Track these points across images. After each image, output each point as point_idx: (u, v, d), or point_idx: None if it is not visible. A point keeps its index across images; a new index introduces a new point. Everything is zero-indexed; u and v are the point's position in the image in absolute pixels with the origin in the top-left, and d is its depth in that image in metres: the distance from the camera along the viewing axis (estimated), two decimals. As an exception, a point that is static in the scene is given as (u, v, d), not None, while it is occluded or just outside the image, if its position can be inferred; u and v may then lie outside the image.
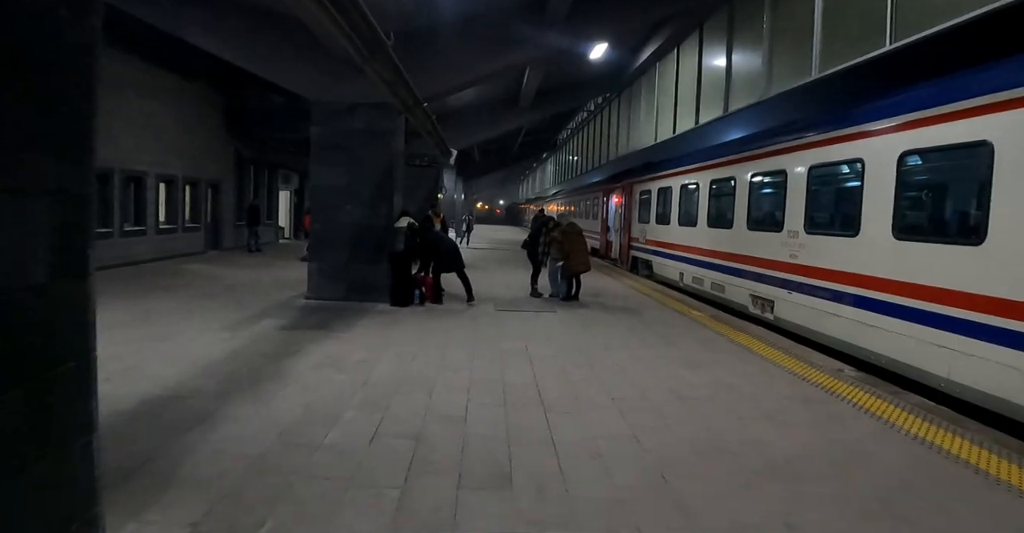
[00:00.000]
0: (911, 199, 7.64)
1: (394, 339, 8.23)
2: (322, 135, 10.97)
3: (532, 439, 4.85)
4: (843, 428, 5.39)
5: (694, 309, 11.94)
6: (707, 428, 5.25)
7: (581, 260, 12.06)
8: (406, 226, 10.90)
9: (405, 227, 10.90)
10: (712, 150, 13.52)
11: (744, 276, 11.74)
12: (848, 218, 8.68)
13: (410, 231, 10.80)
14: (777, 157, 10.63)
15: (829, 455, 4.75)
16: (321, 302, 10.90)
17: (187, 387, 5.88)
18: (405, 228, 10.89)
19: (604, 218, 25.20)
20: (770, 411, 5.74)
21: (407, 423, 5.08)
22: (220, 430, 4.80)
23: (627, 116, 20.29)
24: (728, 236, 12.51)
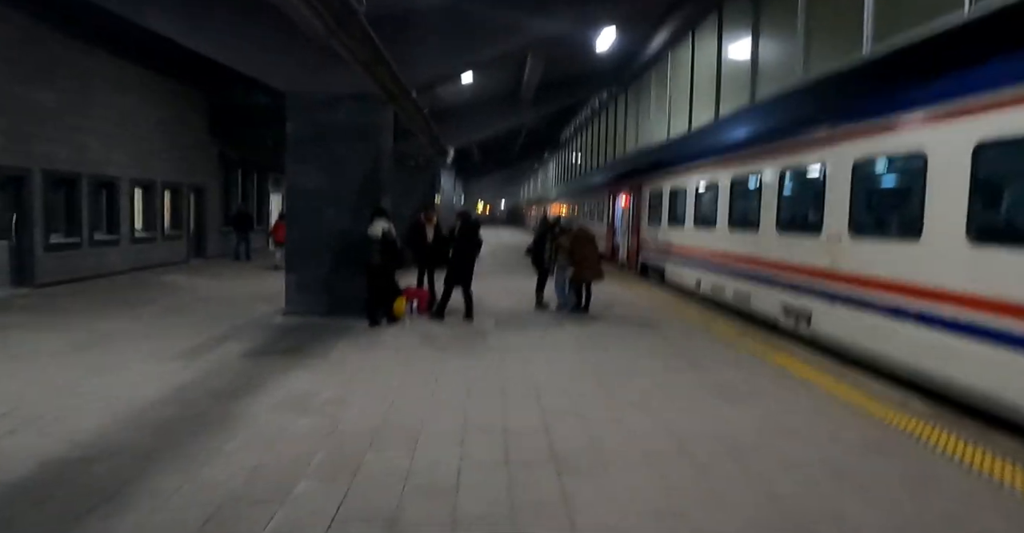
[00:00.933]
0: (991, 195, 6.40)
1: (376, 367, 7.02)
2: (299, 131, 9.77)
3: (544, 519, 3.63)
4: (940, 492, 4.15)
5: (717, 322, 10.73)
6: (770, 495, 4.03)
7: (591, 268, 10.84)
8: (380, 234, 9.25)
9: (379, 235, 9.22)
10: (734, 145, 12.29)
11: (774, 284, 10.51)
12: (907, 219, 7.45)
13: (383, 242, 9.19)
14: (815, 150, 9.40)
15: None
16: (300, 319, 9.69)
17: (107, 443, 4.67)
18: (379, 237, 9.22)
19: (610, 220, 23.97)
20: (842, 467, 4.50)
21: (379, 498, 3.86)
22: (128, 514, 3.58)
23: (635, 112, 19.09)
24: (754, 240, 11.27)
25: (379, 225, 9.26)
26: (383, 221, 9.31)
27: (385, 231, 9.25)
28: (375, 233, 9.18)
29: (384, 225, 9.29)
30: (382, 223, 9.29)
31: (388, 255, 9.18)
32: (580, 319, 10.48)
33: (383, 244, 9.18)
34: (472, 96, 17.44)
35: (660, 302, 12.89)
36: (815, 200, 9.52)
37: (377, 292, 9.31)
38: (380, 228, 9.24)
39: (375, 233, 9.18)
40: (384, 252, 9.17)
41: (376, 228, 9.24)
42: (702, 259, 13.79)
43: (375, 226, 9.26)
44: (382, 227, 9.26)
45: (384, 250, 9.22)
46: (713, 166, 13.17)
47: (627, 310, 11.71)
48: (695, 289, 14.21)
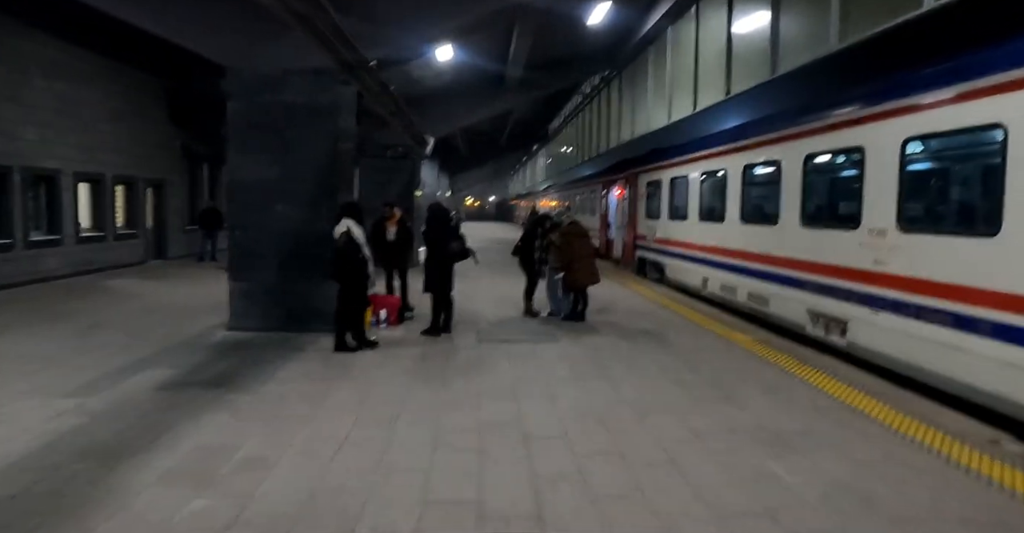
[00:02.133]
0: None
1: (321, 404, 5.55)
2: (243, 113, 8.27)
3: None
4: None
5: (733, 329, 9.33)
6: None
7: (587, 270, 9.41)
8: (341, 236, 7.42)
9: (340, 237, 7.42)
10: (746, 128, 10.86)
11: (799, 286, 9.12)
12: (980, 211, 6.07)
13: (341, 249, 7.37)
14: (852, 129, 7.99)
15: None
16: (246, 336, 8.21)
17: None
18: (340, 239, 7.41)
19: (604, 214, 22.53)
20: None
21: None
22: None
23: (630, 96, 17.64)
24: (773, 235, 9.88)
25: (341, 227, 7.44)
26: (348, 222, 7.46)
27: (346, 235, 7.38)
28: (336, 237, 7.47)
29: (347, 227, 7.42)
30: (347, 224, 7.43)
31: (348, 264, 7.44)
32: (576, 329, 9.05)
33: (342, 251, 7.40)
34: (453, 80, 15.94)
35: (664, 305, 11.48)
36: (852, 189, 8.14)
37: (343, 308, 7.62)
38: (339, 231, 7.43)
39: (336, 237, 7.47)
40: (342, 261, 7.43)
41: (337, 230, 7.49)
42: (709, 256, 12.39)
43: (337, 228, 7.49)
44: (342, 230, 7.41)
45: (342, 258, 7.43)
46: (723, 152, 11.74)
47: (628, 315, 10.29)
48: (700, 289, 12.82)
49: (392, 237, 9.76)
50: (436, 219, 8.14)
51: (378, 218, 9.89)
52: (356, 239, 7.42)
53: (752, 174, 10.90)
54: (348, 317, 7.56)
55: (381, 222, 9.80)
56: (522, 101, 19.20)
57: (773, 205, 9.97)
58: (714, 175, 12.33)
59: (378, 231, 9.76)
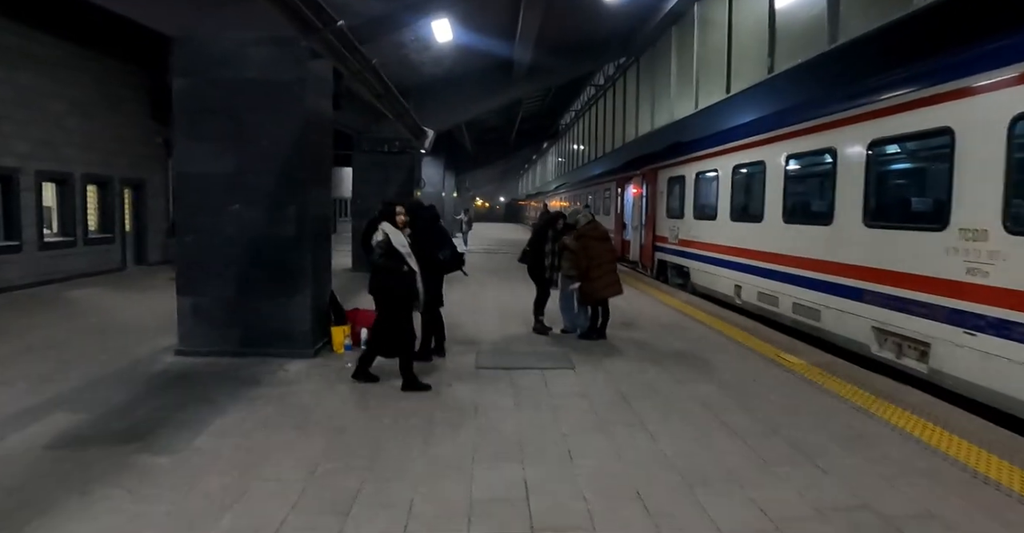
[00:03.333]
0: None
1: (257, 473, 4.10)
2: (191, 93, 6.85)
3: None
4: None
5: (781, 348, 7.83)
6: None
7: (607, 279, 7.94)
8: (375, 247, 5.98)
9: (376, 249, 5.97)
10: (791, 112, 9.35)
11: (861, 298, 7.62)
12: None
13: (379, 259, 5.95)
14: (935, 108, 6.48)
15: None
16: (194, 361, 6.78)
17: None
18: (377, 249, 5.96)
19: (619, 213, 21.03)
20: None
21: None
22: None
23: (649, 85, 16.14)
24: (825, 236, 8.38)
25: (378, 234, 5.97)
26: (386, 227, 5.99)
27: (384, 244, 5.90)
28: (373, 246, 6.00)
29: (384, 233, 5.94)
30: (384, 230, 5.97)
31: (389, 280, 5.94)
32: (595, 350, 7.58)
33: (381, 264, 5.94)
34: (455, 67, 14.54)
35: (695, 317, 9.99)
36: (935, 181, 6.66)
37: (382, 337, 6.09)
38: (377, 239, 5.95)
39: (373, 246, 6.00)
40: (382, 276, 5.95)
41: (373, 238, 5.99)
42: (743, 260, 10.89)
43: (374, 235, 6.00)
44: (379, 238, 5.93)
45: (381, 272, 5.95)
46: (761, 142, 10.22)
47: (654, 331, 8.81)
48: (732, 297, 11.33)
49: None
50: (421, 220, 6.72)
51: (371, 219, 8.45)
52: (398, 248, 5.91)
53: (797, 166, 9.40)
54: (391, 347, 6.08)
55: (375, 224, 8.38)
56: (531, 91, 17.73)
57: (826, 201, 8.48)
58: (749, 168, 10.83)
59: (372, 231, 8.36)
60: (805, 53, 8.72)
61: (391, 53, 12.51)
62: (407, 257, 5.95)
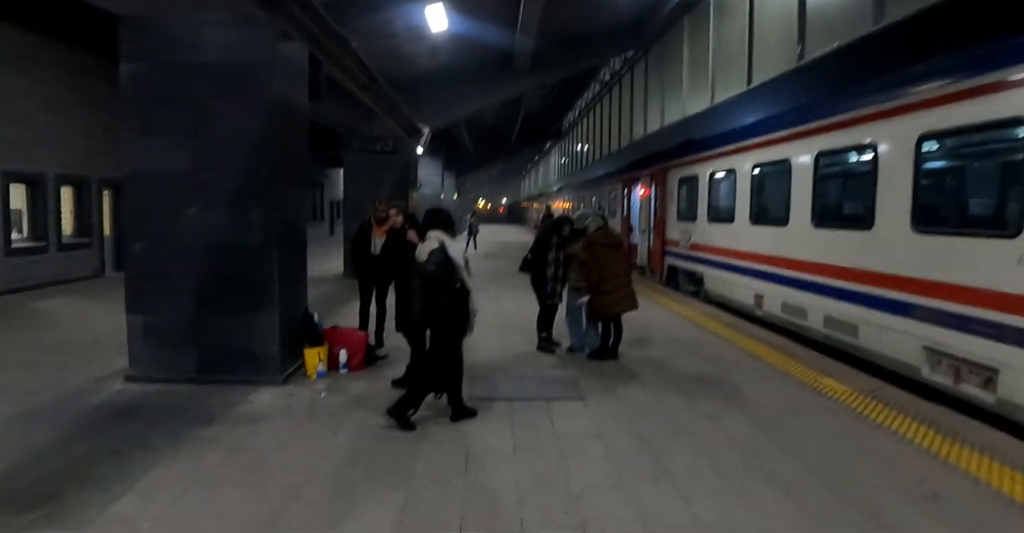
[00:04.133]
0: None
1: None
2: (141, 79, 5.93)
3: None
4: None
5: (817, 370, 6.90)
6: None
7: (621, 293, 7.00)
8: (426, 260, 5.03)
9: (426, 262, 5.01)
10: (824, 104, 8.41)
11: (909, 313, 6.69)
12: None
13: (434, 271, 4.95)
14: (1004, 95, 5.54)
15: None
16: (144, 389, 5.87)
17: None
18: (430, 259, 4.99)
19: (625, 216, 20.10)
20: None
21: None
22: None
23: (659, 80, 15.21)
24: (866, 243, 7.45)
25: (430, 243, 5.06)
26: (440, 235, 5.08)
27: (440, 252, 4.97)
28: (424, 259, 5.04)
29: (439, 241, 5.03)
30: (438, 238, 5.06)
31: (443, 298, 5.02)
32: (606, 374, 6.65)
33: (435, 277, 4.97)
34: (452, 60, 13.64)
35: (710, 330, 9.06)
36: (1009, 181, 5.73)
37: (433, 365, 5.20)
38: (428, 248, 5.03)
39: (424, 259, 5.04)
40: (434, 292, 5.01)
41: (423, 249, 5.09)
42: (765, 268, 9.96)
43: (423, 246, 5.12)
44: (432, 247, 5.01)
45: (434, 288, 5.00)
46: (787, 138, 9.28)
47: (671, 349, 7.88)
48: (752, 308, 10.39)
49: (377, 249, 7.40)
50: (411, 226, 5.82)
51: (363, 222, 7.57)
52: (455, 259, 4.99)
53: (830, 164, 8.46)
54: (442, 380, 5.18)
55: (365, 229, 7.49)
56: (533, 87, 16.81)
57: (865, 204, 7.55)
58: (772, 167, 9.89)
59: (362, 237, 7.47)
60: (843, 36, 7.77)
61: (381, 44, 11.61)
62: (461, 270, 5.02)
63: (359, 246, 7.52)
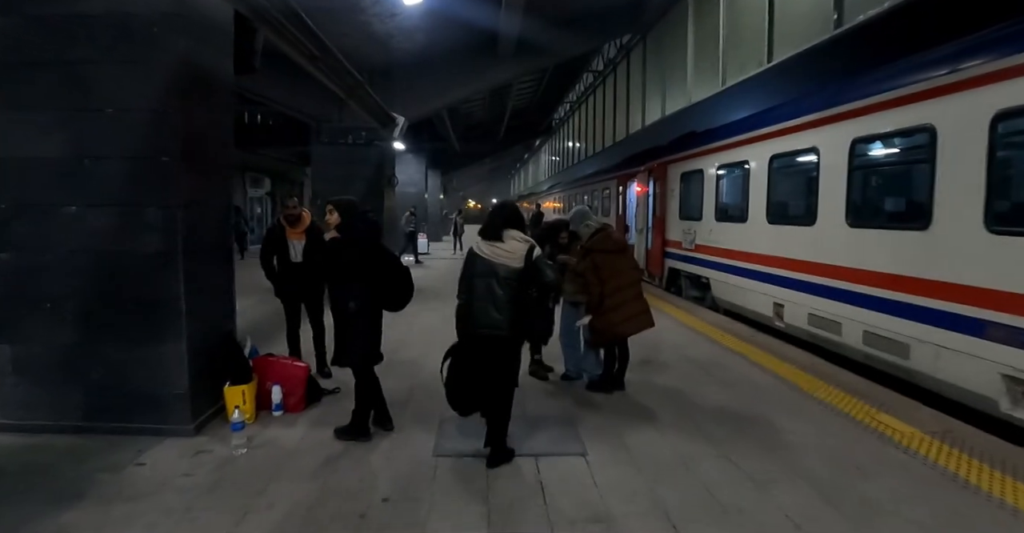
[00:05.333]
0: None
1: None
2: (3, 37, 4.54)
3: None
4: None
5: (867, 401, 5.59)
6: None
7: (630, 309, 5.63)
8: (536, 254, 4.35)
9: (534, 254, 4.33)
10: (865, 82, 7.11)
11: (984, 333, 5.40)
12: None
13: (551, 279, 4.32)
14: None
15: None
16: (13, 441, 4.49)
17: None
18: (537, 257, 4.33)
19: (621, 214, 18.78)
20: None
21: None
22: None
23: (658, 66, 13.89)
24: (920, 246, 6.15)
25: (519, 244, 4.29)
26: (520, 236, 4.35)
27: (542, 259, 4.35)
28: (507, 262, 4.29)
29: (530, 245, 4.32)
30: (524, 240, 4.34)
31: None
32: (612, 412, 5.31)
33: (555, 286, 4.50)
34: (431, 43, 12.29)
35: (725, 345, 7.75)
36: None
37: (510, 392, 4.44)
38: (517, 251, 4.27)
39: (507, 262, 4.29)
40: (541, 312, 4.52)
41: (517, 250, 4.29)
42: (786, 273, 8.66)
43: (514, 244, 4.32)
44: (522, 250, 4.27)
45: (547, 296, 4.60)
46: (814, 123, 7.98)
47: (685, 372, 6.56)
48: (770, 318, 9.10)
49: (297, 256, 6.04)
50: (349, 229, 4.48)
51: (273, 225, 6.18)
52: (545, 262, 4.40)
53: (870, 153, 7.18)
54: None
55: (276, 231, 6.09)
56: (520, 74, 15.46)
57: (920, 199, 6.26)
58: (795, 158, 8.60)
59: (275, 244, 6.07)
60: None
61: (348, 21, 10.25)
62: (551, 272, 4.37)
63: (275, 255, 6.10)
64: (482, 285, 4.18)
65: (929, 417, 5.31)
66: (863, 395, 5.87)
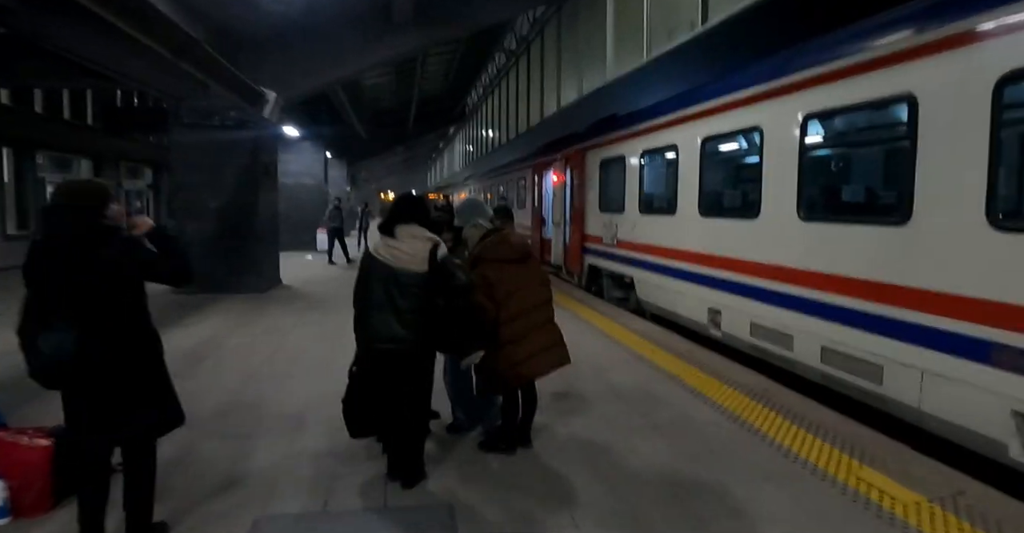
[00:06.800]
0: None
1: None
2: None
3: None
4: None
5: (848, 452, 4.29)
6: None
7: (536, 342, 4.05)
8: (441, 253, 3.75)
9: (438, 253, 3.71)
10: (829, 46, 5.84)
11: (989, 359, 4.18)
12: None
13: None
14: None
15: None
16: None
17: None
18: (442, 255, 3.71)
19: (536, 206, 17.34)
20: None
21: None
22: None
23: (573, 41, 12.44)
24: (899, 245, 4.91)
25: (417, 243, 3.71)
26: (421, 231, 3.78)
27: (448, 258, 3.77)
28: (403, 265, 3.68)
29: (435, 243, 3.73)
30: (428, 238, 3.75)
31: None
32: (510, 485, 3.78)
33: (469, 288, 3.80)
34: (311, 9, 10.40)
35: (659, 365, 6.38)
36: None
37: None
38: (421, 251, 3.69)
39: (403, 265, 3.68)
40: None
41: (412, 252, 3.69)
42: (725, 274, 7.39)
43: (416, 244, 3.73)
44: (427, 250, 3.69)
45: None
46: (760, 96, 6.67)
47: (611, 411, 5.11)
48: (705, 326, 7.84)
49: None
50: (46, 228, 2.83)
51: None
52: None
53: (830, 130, 5.95)
54: None
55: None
56: (422, 45, 13.67)
57: (896, 185, 5.03)
58: (735, 140, 7.34)
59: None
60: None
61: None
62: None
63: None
64: (380, 292, 3.59)
65: (929, 471, 4.05)
66: (835, 436, 4.58)
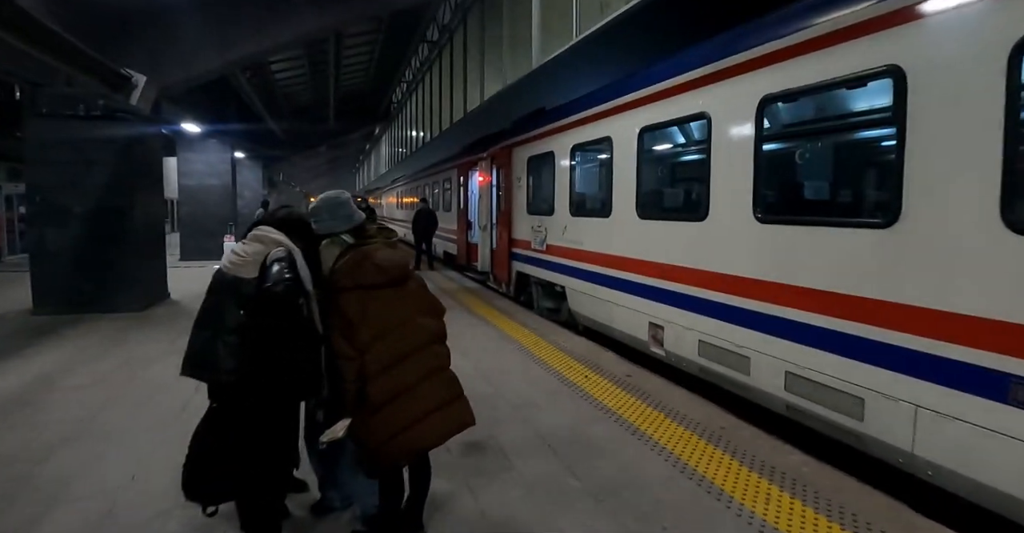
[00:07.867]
0: None
1: None
2: None
3: None
4: None
5: (846, 525, 3.28)
6: None
7: (426, 399, 2.86)
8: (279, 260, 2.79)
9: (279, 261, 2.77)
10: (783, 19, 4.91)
11: (1005, 391, 3.26)
12: None
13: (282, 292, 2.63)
14: None
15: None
16: None
17: None
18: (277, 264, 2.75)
19: (462, 208, 16.17)
20: None
21: None
22: None
23: (495, 27, 11.34)
24: (882, 250, 3.97)
25: (279, 251, 2.86)
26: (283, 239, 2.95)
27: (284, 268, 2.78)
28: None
29: (288, 252, 2.86)
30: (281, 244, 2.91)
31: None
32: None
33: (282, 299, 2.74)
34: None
35: (595, 396, 5.31)
36: None
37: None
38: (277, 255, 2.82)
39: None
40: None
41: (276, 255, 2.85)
42: (668, 285, 6.40)
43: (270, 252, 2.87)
44: (278, 255, 2.82)
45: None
46: (707, 78, 5.70)
47: (539, 481, 3.97)
48: (646, 344, 6.84)
49: None
50: None
51: None
52: (304, 284, 2.90)
53: (793, 117, 5.02)
54: None
55: None
56: (327, 27, 12.19)
57: (878, 180, 4.11)
58: (678, 130, 6.37)
59: None
60: None
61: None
62: (312, 301, 2.95)
63: None
64: (210, 307, 2.90)
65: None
66: (816, 494, 3.58)
